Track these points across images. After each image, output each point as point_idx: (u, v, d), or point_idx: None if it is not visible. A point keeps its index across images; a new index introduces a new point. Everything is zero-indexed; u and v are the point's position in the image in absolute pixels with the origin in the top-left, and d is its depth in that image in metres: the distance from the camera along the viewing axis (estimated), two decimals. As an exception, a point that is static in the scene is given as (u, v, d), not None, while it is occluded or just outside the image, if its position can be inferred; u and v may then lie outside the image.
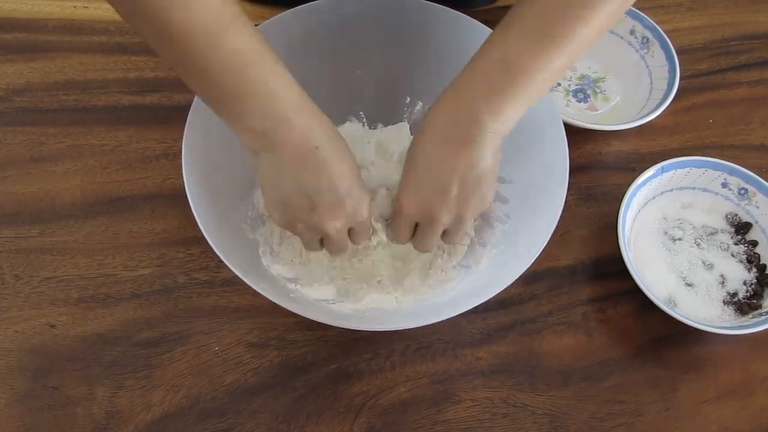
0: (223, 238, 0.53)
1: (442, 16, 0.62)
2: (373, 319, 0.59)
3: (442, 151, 0.50)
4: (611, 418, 0.59)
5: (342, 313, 0.58)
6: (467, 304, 0.51)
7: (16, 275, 0.61)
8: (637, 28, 0.78)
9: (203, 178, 0.55)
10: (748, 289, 0.65)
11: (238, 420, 0.56)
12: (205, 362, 0.59)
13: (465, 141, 0.50)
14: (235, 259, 0.51)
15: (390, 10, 0.63)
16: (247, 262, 0.56)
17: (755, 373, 0.62)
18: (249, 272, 0.52)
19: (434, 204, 0.52)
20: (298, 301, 0.56)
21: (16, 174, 0.66)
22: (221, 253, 0.50)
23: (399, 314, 0.59)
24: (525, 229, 0.58)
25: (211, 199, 0.55)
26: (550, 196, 0.56)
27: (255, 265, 0.58)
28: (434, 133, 0.51)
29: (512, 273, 0.53)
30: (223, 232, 0.55)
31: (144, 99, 0.72)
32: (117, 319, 0.60)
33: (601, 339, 0.63)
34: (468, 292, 0.58)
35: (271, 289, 0.53)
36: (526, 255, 0.53)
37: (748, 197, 0.68)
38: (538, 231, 0.55)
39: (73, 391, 0.56)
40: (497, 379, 0.60)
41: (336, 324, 0.53)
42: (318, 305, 0.58)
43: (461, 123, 0.50)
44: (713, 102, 0.79)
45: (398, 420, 0.57)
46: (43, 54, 0.74)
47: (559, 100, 0.77)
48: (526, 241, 0.56)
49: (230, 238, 0.56)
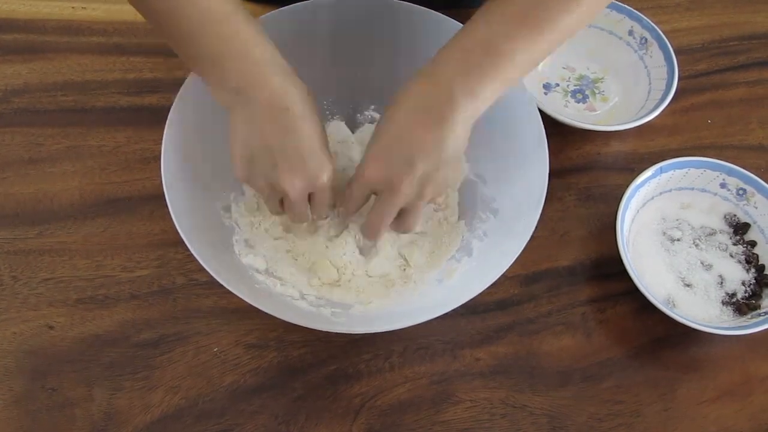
0: (200, 236, 0.54)
1: (427, 18, 0.62)
2: (349, 322, 0.58)
3: (413, 124, 0.50)
4: (610, 418, 0.59)
5: (313, 313, 0.57)
6: (425, 315, 0.51)
7: (15, 276, 0.61)
8: (636, 28, 0.78)
9: (183, 171, 0.56)
10: (747, 290, 0.65)
11: (237, 421, 0.56)
12: (204, 363, 0.58)
13: (438, 118, 0.50)
14: (208, 254, 0.52)
15: (374, 14, 0.63)
16: (223, 258, 0.57)
17: (754, 374, 0.62)
18: (222, 266, 0.53)
19: (398, 174, 0.51)
20: (267, 298, 0.56)
21: (15, 175, 0.66)
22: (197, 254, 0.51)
23: (367, 318, 0.59)
24: (498, 248, 0.58)
25: (192, 194, 0.56)
26: (525, 219, 0.55)
27: (229, 261, 0.58)
28: (407, 106, 0.51)
29: (478, 286, 0.52)
30: (203, 229, 0.56)
31: (143, 100, 0.72)
32: (115, 320, 0.60)
33: (600, 339, 0.63)
34: (434, 302, 0.56)
35: (242, 285, 0.53)
36: (493, 270, 0.53)
37: (747, 197, 0.68)
38: (509, 250, 0.54)
39: (71, 392, 0.56)
40: (496, 379, 0.60)
41: (309, 326, 0.52)
42: (289, 302, 0.57)
43: (436, 100, 0.50)
44: (712, 102, 0.79)
45: (397, 421, 0.57)
46: (42, 55, 0.74)
47: (558, 101, 0.77)
48: (497, 260, 0.54)
49: (210, 235, 0.57)
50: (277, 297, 0.57)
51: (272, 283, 0.58)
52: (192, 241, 0.51)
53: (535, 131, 0.58)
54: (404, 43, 0.64)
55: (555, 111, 0.71)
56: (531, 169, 0.57)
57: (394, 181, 0.51)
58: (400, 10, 0.62)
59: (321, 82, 0.62)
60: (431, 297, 0.59)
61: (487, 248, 0.60)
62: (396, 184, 0.51)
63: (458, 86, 0.49)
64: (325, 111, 0.69)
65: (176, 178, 0.55)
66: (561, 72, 0.79)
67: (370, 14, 0.63)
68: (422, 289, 0.60)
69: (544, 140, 0.57)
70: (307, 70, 0.54)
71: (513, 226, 0.57)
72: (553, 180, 0.57)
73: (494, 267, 0.53)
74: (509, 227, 0.58)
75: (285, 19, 0.61)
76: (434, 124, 0.50)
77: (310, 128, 0.51)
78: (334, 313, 0.57)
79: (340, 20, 0.63)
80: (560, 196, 0.70)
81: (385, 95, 0.63)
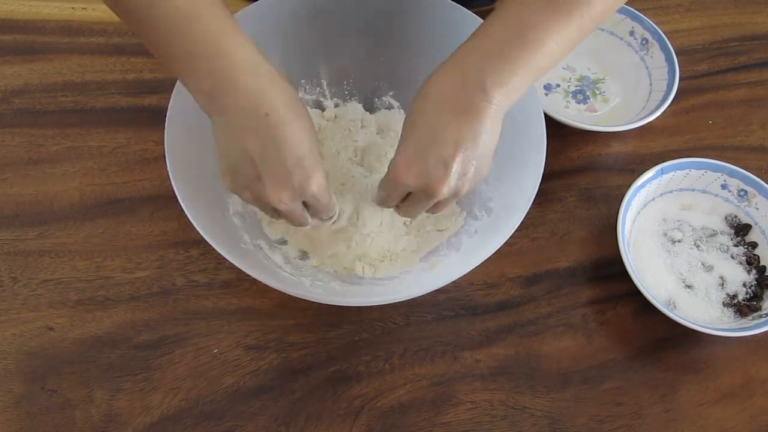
0: (206, 219, 0.53)
1: (454, 12, 0.62)
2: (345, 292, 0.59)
3: (445, 121, 0.49)
4: (611, 420, 0.59)
5: (293, 281, 0.57)
6: (399, 296, 0.53)
7: (14, 278, 0.61)
8: (637, 29, 0.78)
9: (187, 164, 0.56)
10: (748, 291, 0.65)
11: (237, 422, 0.56)
12: (203, 364, 0.58)
13: (470, 111, 0.48)
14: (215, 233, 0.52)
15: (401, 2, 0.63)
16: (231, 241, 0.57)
17: (755, 375, 0.62)
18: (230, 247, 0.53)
19: (434, 177, 0.49)
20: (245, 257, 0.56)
21: (14, 176, 0.66)
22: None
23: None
24: (484, 244, 0.57)
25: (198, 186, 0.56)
26: (514, 216, 0.55)
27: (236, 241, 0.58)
28: (437, 100, 0.49)
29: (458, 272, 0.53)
30: (211, 217, 0.55)
31: (143, 101, 0.72)
32: (115, 321, 0.60)
33: (600, 341, 0.63)
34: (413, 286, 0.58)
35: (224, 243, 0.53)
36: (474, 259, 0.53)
37: (748, 199, 0.68)
38: (491, 248, 0.54)
39: (71, 394, 0.56)
40: (496, 381, 0.60)
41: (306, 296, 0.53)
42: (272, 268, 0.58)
43: (466, 91, 0.48)
44: (713, 103, 0.79)
45: (397, 422, 0.57)
46: (42, 55, 0.74)
47: (559, 102, 0.77)
48: (481, 254, 0.54)
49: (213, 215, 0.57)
50: (257, 259, 0.58)
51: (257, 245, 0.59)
52: (182, 194, 0.51)
53: (538, 132, 0.58)
54: (428, 35, 0.64)
55: (556, 112, 0.71)
56: (527, 170, 0.57)
57: (431, 185, 0.50)
58: (427, 2, 0.63)
59: (343, 63, 0.64)
60: (411, 282, 0.60)
61: (476, 244, 0.59)
62: (433, 188, 0.50)
63: (489, 77, 0.48)
64: (345, 91, 0.70)
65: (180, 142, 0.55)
66: (562, 72, 0.79)
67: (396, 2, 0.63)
68: (406, 272, 0.61)
69: (543, 141, 0.57)
70: (326, 50, 0.52)
71: (503, 224, 0.56)
72: (554, 181, 0.57)
73: (478, 258, 0.53)
74: (499, 225, 0.57)
75: (266, 11, 0.61)
76: (467, 121, 0.48)
77: (293, 134, 0.47)
78: (313, 284, 0.57)
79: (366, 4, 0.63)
80: (561, 197, 0.70)
81: (404, 83, 0.64)
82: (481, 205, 0.62)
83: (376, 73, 0.69)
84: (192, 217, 0.51)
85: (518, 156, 0.59)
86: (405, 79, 0.65)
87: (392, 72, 0.68)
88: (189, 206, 0.51)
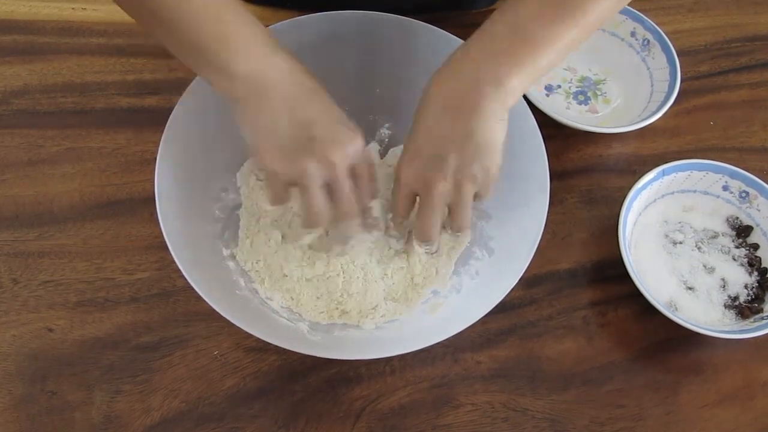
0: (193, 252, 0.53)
1: (420, 32, 0.61)
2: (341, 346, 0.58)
3: (441, 119, 0.50)
4: (612, 422, 0.59)
5: (290, 328, 0.57)
6: (429, 340, 0.51)
7: (14, 279, 0.61)
8: (638, 29, 0.77)
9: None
10: (750, 293, 0.64)
11: (237, 424, 0.56)
12: (204, 366, 0.58)
13: (464, 110, 0.49)
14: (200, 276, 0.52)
15: (366, 28, 0.62)
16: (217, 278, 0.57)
17: (756, 378, 0.62)
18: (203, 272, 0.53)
19: (430, 172, 0.50)
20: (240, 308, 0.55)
21: (14, 177, 0.66)
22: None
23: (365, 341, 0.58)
24: (487, 287, 0.57)
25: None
26: (518, 261, 0.54)
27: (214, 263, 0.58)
28: (436, 100, 0.50)
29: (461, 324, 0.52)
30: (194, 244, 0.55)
31: (143, 101, 0.72)
32: (115, 323, 0.60)
33: (601, 343, 0.62)
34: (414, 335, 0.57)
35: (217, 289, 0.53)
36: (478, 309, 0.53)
37: (749, 200, 0.67)
38: (497, 291, 0.53)
39: (71, 395, 0.56)
40: (497, 383, 0.60)
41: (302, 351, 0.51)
42: (267, 314, 0.57)
43: (462, 91, 0.49)
44: (714, 104, 0.79)
45: (398, 424, 0.57)
46: (41, 56, 0.73)
47: (560, 103, 0.77)
48: (484, 299, 0.54)
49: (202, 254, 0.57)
50: (254, 306, 0.57)
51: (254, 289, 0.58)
52: (173, 241, 0.51)
53: (542, 174, 0.57)
54: (417, 61, 0.62)
55: (557, 113, 0.71)
56: (530, 209, 0.56)
57: (427, 180, 0.50)
58: (410, 27, 0.62)
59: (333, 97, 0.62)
60: (412, 326, 0.58)
61: (477, 287, 0.59)
62: (430, 183, 0.50)
63: (484, 74, 0.48)
64: None
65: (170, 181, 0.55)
66: (563, 73, 0.79)
67: (379, 30, 0.62)
68: (407, 317, 0.59)
69: (547, 179, 0.56)
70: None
71: (505, 267, 0.56)
72: (555, 182, 0.56)
73: (480, 306, 0.53)
74: (502, 268, 0.57)
75: (293, 29, 0.61)
76: (461, 117, 0.49)
77: (325, 98, 0.50)
78: (310, 331, 0.57)
79: (352, 34, 0.62)
80: (562, 198, 0.70)
81: (396, 112, 0.63)
82: (482, 245, 0.61)
83: (373, 107, 0.67)
84: (185, 271, 0.51)
85: (520, 194, 0.58)
86: (400, 110, 0.62)
87: (388, 104, 0.66)
88: (181, 257, 0.51)
